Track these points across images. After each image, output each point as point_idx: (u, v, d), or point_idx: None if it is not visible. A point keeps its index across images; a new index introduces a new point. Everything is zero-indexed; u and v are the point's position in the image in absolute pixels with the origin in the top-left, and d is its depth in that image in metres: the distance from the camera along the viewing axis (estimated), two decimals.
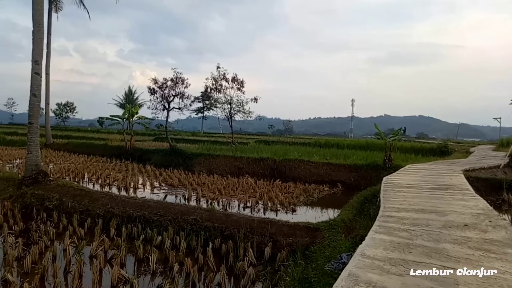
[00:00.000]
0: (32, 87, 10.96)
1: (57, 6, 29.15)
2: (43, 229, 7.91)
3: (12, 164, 17.51)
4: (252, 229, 7.44)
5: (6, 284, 5.33)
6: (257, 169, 17.16)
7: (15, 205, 9.86)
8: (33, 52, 10.95)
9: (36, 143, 11.28)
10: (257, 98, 26.65)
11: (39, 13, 11.14)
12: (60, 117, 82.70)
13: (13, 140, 30.09)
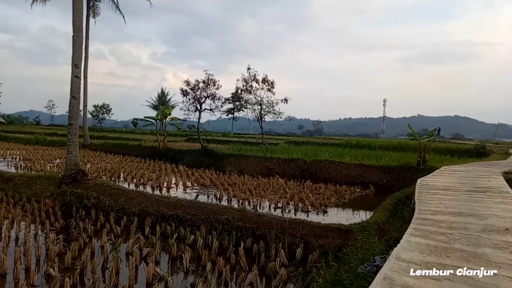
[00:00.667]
0: (72, 90, 11.47)
1: (94, 12, 30.32)
2: (82, 226, 8.25)
3: (53, 163, 18.34)
4: (283, 229, 7.45)
5: (49, 278, 5.61)
6: (288, 169, 17.12)
7: (56, 203, 10.35)
8: (73, 56, 11.45)
9: (75, 143, 11.79)
10: (287, 99, 26.64)
11: (78, 18, 11.64)
12: (96, 118, 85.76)
13: (53, 140, 31.50)
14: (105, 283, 5.60)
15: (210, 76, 21.48)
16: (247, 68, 25.74)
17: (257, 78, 25.77)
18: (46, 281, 5.58)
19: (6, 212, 9.21)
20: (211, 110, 22.72)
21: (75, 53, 11.53)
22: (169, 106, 55.09)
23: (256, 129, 45.46)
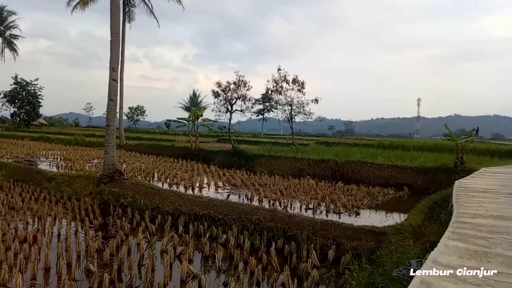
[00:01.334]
0: (110, 93, 11.91)
1: (130, 17, 31.33)
2: (119, 224, 8.55)
3: (91, 163, 19.08)
4: (315, 231, 7.41)
5: (89, 274, 5.86)
6: (318, 170, 16.98)
7: (95, 201, 10.78)
8: (110, 60, 11.89)
9: (113, 144, 12.24)
10: (317, 99, 26.42)
11: (116, 24, 12.08)
12: (131, 120, 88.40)
13: (91, 141, 32.76)
14: (141, 280, 5.78)
15: (240, 78, 21.67)
16: (277, 68, 25.79)
17: (287, 79, 25.74)
18: (86, 276, 5.83)
19: (49, 209, 9.70)
20: (241, 111, 22.93)
21: (112, 58, 11.96)
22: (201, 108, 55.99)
23: (286, 129, 45.35)
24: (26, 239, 7.21)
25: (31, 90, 62.48)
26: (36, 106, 63.77)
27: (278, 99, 26.84)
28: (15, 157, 20.28)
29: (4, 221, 8.28)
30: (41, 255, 6.45)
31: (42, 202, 10.51)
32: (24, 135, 39.92)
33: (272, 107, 28.87)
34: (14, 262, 6.07)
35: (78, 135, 37.60)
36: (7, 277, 5.43)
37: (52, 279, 5.71)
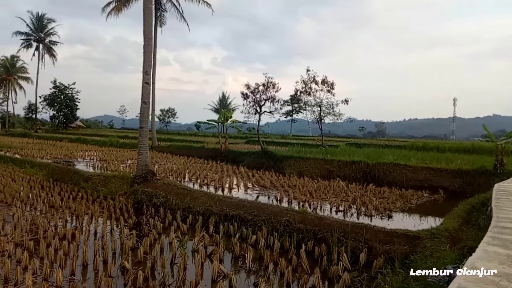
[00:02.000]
0: (143, 95, 12.25)
1: (161, 21, 32.13)
2: (152, 223, 8.78)
3: (125, 164, 19.66)
4: (346, 233, 7.31)
5: (124, 271, 6.06)
6: (349, 172, 16.74)
7: (129, 200, 11.11)
8: (143, 64, 12.24)
9: (146, 145, 12.57)
10: (347, 100, 25.99)
11: (148, 29, 12.42)
12: (163, 121, 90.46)
13: (125, 143, 33.77)
14: (174, 278, 5.90)
15: (269, 79, 21.68)
16: (306, 69, 25.57)
17: (316, 80, 25.47)
18: (121, 273, 6.02)
19: (86, 208, 10.09)
20: (270, 113, 22.91)
21: (145, 61, 12.29)
22: (230, 109, 56.48)
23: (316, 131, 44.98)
24: (65, 236, 7.53)
25: (69, 93, 65.20)
26: (73, 109, 66.47)
27: (307, 100, 26.64)
28: (54, 158, 21.25)
29: (45, 218, 8.68)
30: (79, 252, 6.73)
31: (80, 201, 10.93)
32: (62, 137, 41.70)
33: (301, 108, 28.56)
34: (54, 258, 6.36)
35: (112, 137, 38.88)
36: (49, 272, 5.70)
37: (89, 275, 5.93)
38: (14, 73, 66.20)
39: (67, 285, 5.42)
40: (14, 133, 51.68)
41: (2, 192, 11.45)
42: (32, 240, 7.21)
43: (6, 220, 8.62)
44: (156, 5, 30.26)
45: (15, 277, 5.51)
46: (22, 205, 10.27)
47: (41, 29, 61.97)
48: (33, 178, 14.33)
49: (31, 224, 8.22)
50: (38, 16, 61.89)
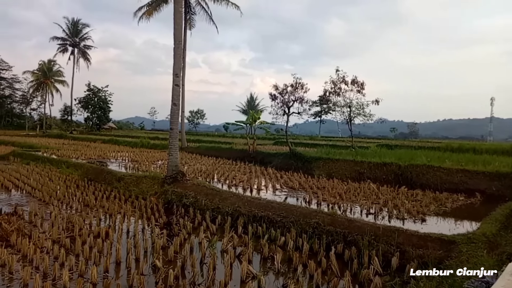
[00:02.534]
0: (173, 97, 12.49)
1: (191, 24, 32.67)
2: (182, 223, 8.92)
3: (156, 164, 20.09)
4: (377, 236, 7.15)
5: (155, 269, 6.18)
6: (380, 174, 16.37)
7: (159, 200, 11.34)
8: (173, 67, 12.47)
9: (176, 146, 12.80)
10: (378, 100, 25.47)
11: (178, 32, 12.65)
12: (192, 123, 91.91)
13: (155, 144, 34.53)
14: (203, 277, 5.97)
15: (297, 80, 21.57)
16: (335, 70, 25.27)
17: (346, 80, 25.12)
18: (152, 271, 6.15)
19: (119, 207, 10.38)
20: (299, 114, 22.81)
21: (175, 64, 12.52)
22: (258, 110, 56.63)
23: (345, 132, 44.33)
24: (100, 235, 7.76)
25: (102, 96, 67.49)
26: (106, 111, 68.75)
27: (336, 100, 26.31)
28: (88, 158, 22.02)
29: (80, 217, 8.99)
30: (113, 249, 6.93)
31: (113, 200, 11.26)
32: (96, 138, 43.19)
33: (330, 109, 28.24)
34: (89, 255, 6.57)
35: (143, 138, 39.83)
36: (84, 268, 5.90)
37: (122, 272, 6.09)
38: (51, 76, 69.30)
39: (101, 282, 5.58)
40: (50, 135, 53.99)
41: (40, 191, 11.96)
42: (68, 237, 7.48)
43: (44, 218, 9.00)
44: (186, 8, 30.76)
45: (53, 273, 5.74)
46: (59, 203, 10.71)
47: (76, 34, 64.54)
48: (69, 178, 14.91)
49: (67, 222, 8.54)
50: (73, 22, 64.59)
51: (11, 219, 8.07)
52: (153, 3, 30.12)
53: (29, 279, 5.46)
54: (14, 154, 22.90)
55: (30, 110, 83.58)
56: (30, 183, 13.32)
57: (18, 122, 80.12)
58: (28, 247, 6.63)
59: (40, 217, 8.99)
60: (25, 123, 76.86)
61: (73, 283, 5.44)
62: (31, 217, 8.95)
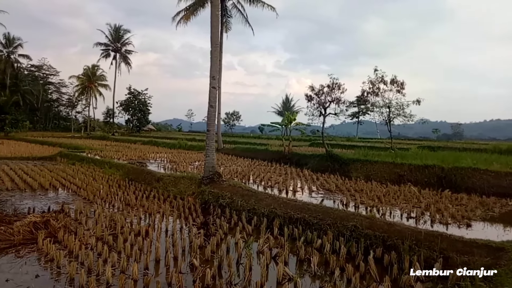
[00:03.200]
0: (210, 99, 12.67)
1: (227, 27, 33.10)
2: (218, 223, 9.02)
3: (193, 165, 20.48)
4: (418, 241, 6.89)
5: (193, 268, 6.28)
6: (421, 177, 15.77)
7: (196, 200, 11.54)
8: (210, 69, 12.66)
9: (212, 148, 12.98)
10: (419, 100, 24.57)
11: (215, 35, 12.84)
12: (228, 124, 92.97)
13: (192, 145, 35.23)
14: (240, 278, 6.00)
15: (334, 80, 21.24)
16: (374, 69, 24.65)
17: (385, 80, 24.44)
18: (190, 270, 6.25)
19: (158, 207, 10.66)
20: (335, 115, 22.41)
21: (212, 66, 12.71)
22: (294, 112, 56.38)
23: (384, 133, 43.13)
24: (140, 233, 8.00)
25: (142, 99, 69.87)
26: (146, 113, 71.09)
27: (374, 101, 25.65)
28: (129, 159, 22.83)
29: (121, 215, 9.31)
30: (152, 247, 7.12)
31: (152, 200, 11.58)
32: (136, 140, 44.69)
33: (368, 109, 27.57)
34: (130, 252, 6.79)
35: (181, 140, 40.77)
36: (125, 265, 6.10)
37: (161, 270, 6.24)
38: (95, 81, 72.59)
39: (142, 279, 5.74)
40: (94, 136, 56.49)
41: (85, 190, 12.51)
42: (111, 235, 7.77)
43: (88, 216, 9.40)
44: (222, 11, 31.23)
45: (97, 268, 5.98)
46: (102, 202, 11.15)
47: (118, 39, 67.26)
48: (111, 178, 15.51)
49: (110, 220, 8.86)
50: (115, 28, 67.38)
51: (58, 217, 8.49)
52: (191, 8, 30.82)
53: (75, 274, 5.72)
54: (61, 155, 24.14)
55: (75, 113, 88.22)
56: (75, 183, 13.96)
57: (64, 124, 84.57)
58: (74, 244, 6.94)
59: (84, 215, 9.40)
60: (71, 125, 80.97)
61: (115, 279, 5.64)
62: (76, 215, 9.38)
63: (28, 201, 11.21)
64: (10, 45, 67.73)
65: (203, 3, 30.33)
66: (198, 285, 5.49)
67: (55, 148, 31.25)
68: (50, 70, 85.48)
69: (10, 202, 10.97)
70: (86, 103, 79.40)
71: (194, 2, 30.71)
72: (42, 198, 11.82)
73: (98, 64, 72.15)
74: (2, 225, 7.82)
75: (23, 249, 7.01)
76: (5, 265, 6.23)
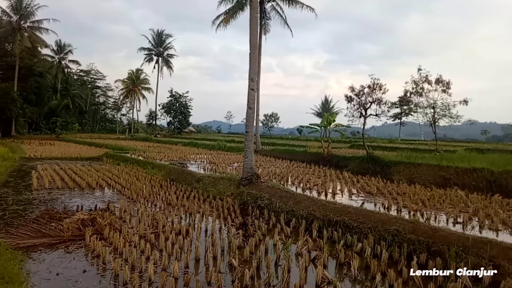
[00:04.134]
0: (249, 101, 12.79)
1: (265, 29, 33.25)
2: (257, 224, 9.06)
3: (232, 166, 20.75)
4: (466, 248, 6.56)
5: (231, 268, 6.36)
6: (468, 180, 15.00)
7: (235, 201, 11.67)
8: (249, 71, 12.78)
9: (251, 149, 13.09)
10: (467, 100, 23.39)
11: (254, 37, 12.94)
12: (266, 126, 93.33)
13: (231, 147, 35.68)
14: (278, 279, 6.00)
15: (375, 81, 20.69)
16: (417, 69, 23.75)
17: (429, 79, 23.48)
18: (229, 270, 6.33)
19: (198, 207, 10.89)
20: (376, 116, 21.82)
21: (251, 69, 12.82)
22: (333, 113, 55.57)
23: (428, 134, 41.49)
24: (180, 232, 8.21)
25: (183, 101, 71.68)
26: (187, 116, 72.89)
27: (418, 101, 24.71)
28: (170, 160, 23.50)
29: (163, 215, 9.60)
30: (192, 247, 7.28)
31: (192, 200, 11.84)
32: (177, 141, 45.93)
33: (411, 110, 26.61)
34: (171, 251, 6.98)
35: (220, 141, 41.39)
36: (167, 263, 6.29)
37: (201, 269, 6.37)
38: (139, 84, 75.49)
39: (182, 277, 5.88)
40: (137, 138, 58.65)
41: (128, 190, 13.02)
42: (153, 233, 8.03)
43: (132, 215, 9.77)
44: (261, 14, 31.41)
45: (139, 266, 6.20)
46: (145, 201, 11.56)
47: (161, 44, 69.57)
48: (153, 178, 16.03)
49: (152, 219, 9.15)
50: (158, 33, 69.73)
51: (104, 215, 8.88)
52: (230, 11, 31.24)
53: (119, 270, 5.97)
54: (107, 156, 25.28)
55: (120, 115, 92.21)
56: (120, 182, 14.56)
57: (110, 126, 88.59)
58: (118, 241, 7.25)
59: (128, 213, 9.77)
60: (116, 127, 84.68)
61: (157, 276, 5.82)
62: (121, 213, 9.77)
63: (77, 199, 11.84)
64: (61, 52, 72.07)
65: (243, 6, 30.65)
66: (237, 285, 5.55)
67: (101, 149, 32.79)
68: (98, 75, 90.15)
69: (60, 200, 11.64)
70: (130, 106, 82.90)
71: (233, 5, 31.11)
72: (89, 196, 12.44)
73: (142, 68, 75.17)
74: (53, 222, 8.32)
75: (71, 245, 7.41)
76: (56, 260, 6.61)
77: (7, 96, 44.76)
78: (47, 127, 62.96)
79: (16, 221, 8.80)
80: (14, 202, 11.03)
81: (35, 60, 59.81)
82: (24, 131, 56.78)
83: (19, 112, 48.47)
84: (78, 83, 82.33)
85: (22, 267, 6.10)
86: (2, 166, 17.66)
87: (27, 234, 7.65)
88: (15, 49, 51.49)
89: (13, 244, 7.03)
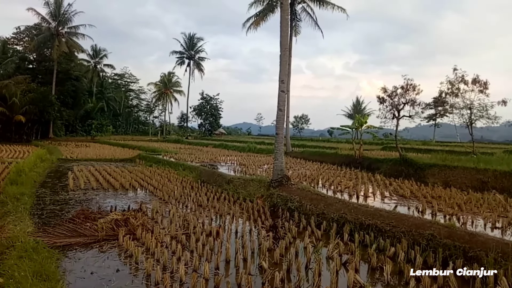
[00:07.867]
0: (279, 103, 12.81)
1: (296, 31, 33.18)
2: (287, 227, 9.04)
3: (262, 168, 20.78)
4: (505, 254, 6.28)
5: (261, 270, 6.38)
6: (508, 184, 14.31)
7: (265, 203, 11.70)
8: (280, 73, 12.80)
9: (281, 151, 13.08)
10: (505, 101, 22.38)
11: (285, 39, 12.95)
12: (296, 128, 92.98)
13: (261, 148, 35.73)
14: (309, 283, 5.96)
15: (409, 81, 20.18)
16: (453, 69, 22.97)
17: (465, 79, 22.63)
18: (259, 272, 6.36)
19: (228, 208, 10.99)
20: (410, 117, 21.28)
21: (281, 71, 12.83)
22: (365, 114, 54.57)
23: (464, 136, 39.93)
24: (211, 233, 8.32)
25: (213, 104, 72.72)
26: (217, 118, 73.89)
27: (453, 102, 23.87)
28: (201, 162, 23.85)
29: (194, 216, 9.77)
30: (222, 248, 7.34)
31: (223, 201, 11.97)
32: (208, 143, 46.55)
33: (446, 111, 25.73)
34: (202, 252, 7.07)
35: (250, 143, 41.55)
36: (197, 264, 6.39)
37: (231, 271, 6.43)
38: (171, 87, 77.26)
39: (212, 278, 5.96)
40: (169, 140, 59.84)
41: (160, 191, 13.32)
42: (184, 234, 8.17)
43: (164, 216, 9.99)
44: (292, 15, 31.35)
45: (171, 266, 6.33)
46: (176, 202, 11.79)
47: (192, 47, 70.90)
48: (184, 179, 16.33)
49: (183, 220, 9.32)
50: (189, 36, 71.14)
51: (137, 215, 9.13)
52: (261, 13, 31.41)
53: (151, 270, 6.11)
54: (139, 157, 25.97)
55: (152, 118, 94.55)
56: (152, 183, 14.93)
57: (143, 128, 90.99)
58: (150, 241, 7.42)
59: (160, 214, 10.00)
60: (148, 129, 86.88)
61: (188, 277, 5.91)
62: (153, 214, 10.01)
63: (111, 199, 12.24)
64: (96, 56, 74.82)
65: (273, 8, 30.73)
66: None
67: (134, 150, 33.70)
68: (131, 78, 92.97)
69: (95, 200, 12.08)
70: (162, 108, 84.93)
71: (264, 7, 31.26)
72: (122, 197, 12.83)
73: (174, 71, 76.84)
74: (88, 221, 8.61)
75: (105, 244, 7.65)
76: (90, 259, 6.85)
77: (45, 99, 46.83)
78: (82, 129, 65.43)
79: (53, 220, 9.21)
80: (51, 202, 11.53)
81: (72, 64, 62.34)
82: (61, 133, 59.28)
83: (56, 115, 50.59)
84: (112, 87, 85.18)
85: (59, 266, 6.34)
86: (40, 167, 18.52)
87: (63, 234, 7.95)
88: (53, 54, 53.83)
89: (50, 243, 7.31)
